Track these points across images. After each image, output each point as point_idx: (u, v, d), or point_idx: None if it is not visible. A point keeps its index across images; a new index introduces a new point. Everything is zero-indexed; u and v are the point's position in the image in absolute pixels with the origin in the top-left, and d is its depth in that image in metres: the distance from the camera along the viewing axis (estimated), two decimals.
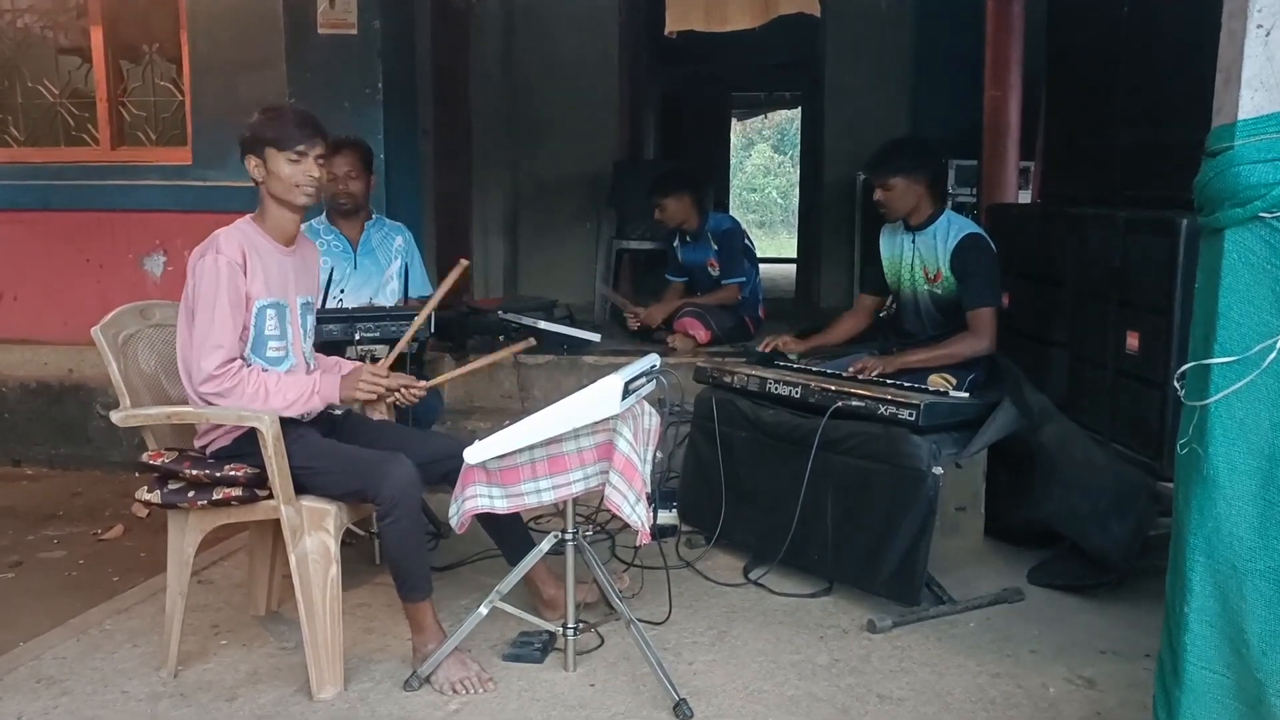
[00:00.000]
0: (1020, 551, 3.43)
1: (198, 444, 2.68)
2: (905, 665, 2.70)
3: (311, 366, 2.80)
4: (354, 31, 4.50)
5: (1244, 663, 1.80)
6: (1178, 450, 1.90)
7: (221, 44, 4.88)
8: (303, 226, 3.72)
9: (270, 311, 2.60)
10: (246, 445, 2.55)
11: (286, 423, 2.53)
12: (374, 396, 2.75)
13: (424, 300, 3.90)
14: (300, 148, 2.57)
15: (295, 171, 2.57)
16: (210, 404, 2.52)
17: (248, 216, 2.66)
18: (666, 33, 4.59)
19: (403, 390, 2.86)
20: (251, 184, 2.64)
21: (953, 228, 3.54)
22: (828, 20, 5.90)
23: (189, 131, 5.01)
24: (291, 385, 2.58)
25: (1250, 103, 1.78)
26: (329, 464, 2.56)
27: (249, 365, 2.56)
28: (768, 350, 3.75)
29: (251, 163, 2.58)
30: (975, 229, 3.56)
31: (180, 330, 2.59)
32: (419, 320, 3.09)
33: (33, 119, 5.32)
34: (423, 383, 2.92)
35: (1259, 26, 1.76)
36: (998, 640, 2.84)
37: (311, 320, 2.82)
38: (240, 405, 2.51)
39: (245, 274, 2.53)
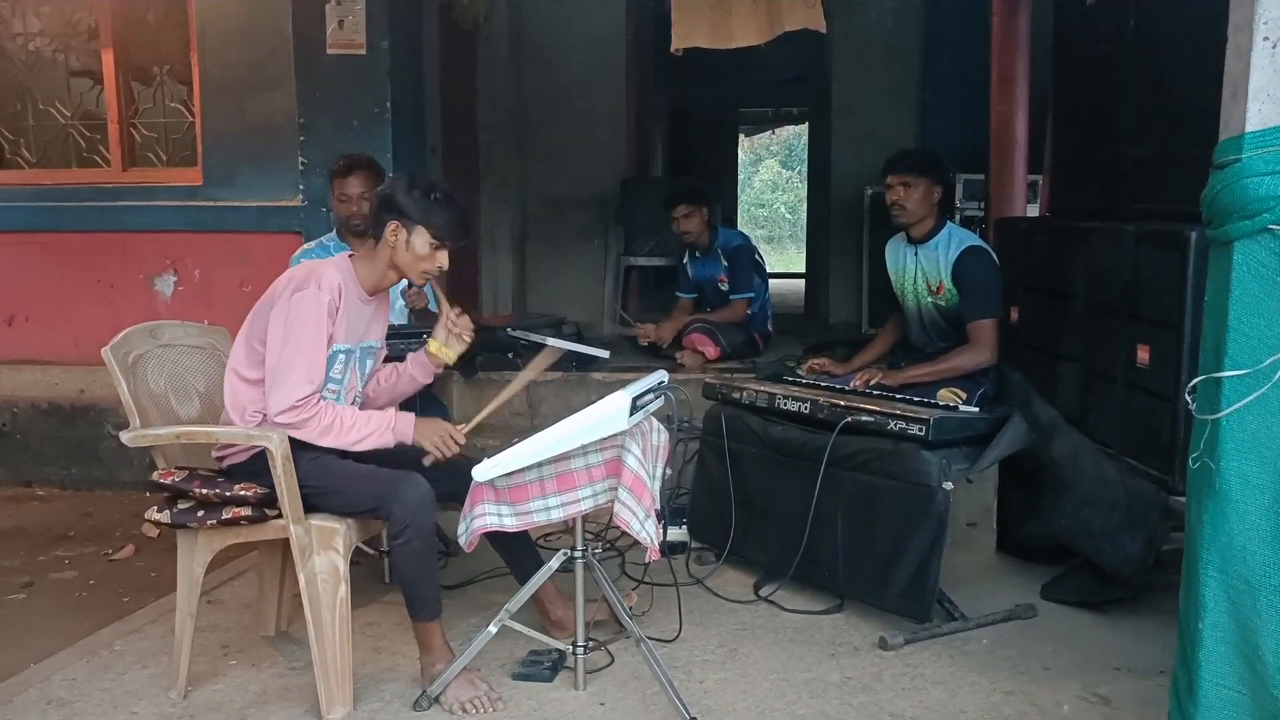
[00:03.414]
0: (1032, 567, 3.41)
1: (215, 455, 2.69)
2: (918, 683, 2.68)
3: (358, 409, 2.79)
4: (362, 51, 4.53)
5: (1259, 679, 1.79)
6: (1190, 464, 1.89)
7: (231, 65, 4.92)
8: (313, 244, 3.77)
9: (341, 356, 2.62)
10: (263, 462, 2.55)
11: (299, 442, 2.54)
12: (441, 456, 2.62)
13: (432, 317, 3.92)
14: (447, 242, 2.60)
15: (429, 259, 2.60)
16: (289, 433, 2.50)
17: (347, 254, 2.68)
18: (672, 50, 4.60)
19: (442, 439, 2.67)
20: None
21: (954, 240, 3.55)
22: (834, 36, 5.92)
23: (199, 152, 5.03)
24: (365, 420, 2.58)
25: (1257, 115, 1.78)
26: (342, 483, 2.56)
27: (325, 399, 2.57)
28: (809, 372, 3.75)
29: (391, 226, 2.57)
30: (977, 241, 3.57)
31: (237, 352, 2.60)
32: (510, 392, 2.81)
33: (44, 141, 5.36)
34: (463, 427, 2.72)
35: (1265, 39, 1.77)
36: (1011, 657, 2.82)
37: (371, 364, 2.80)
38: (311, 436, 2.52)
39: (335, 317, 2.55)
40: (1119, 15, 3.61)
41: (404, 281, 3.77)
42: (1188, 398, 1.89)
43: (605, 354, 4.67)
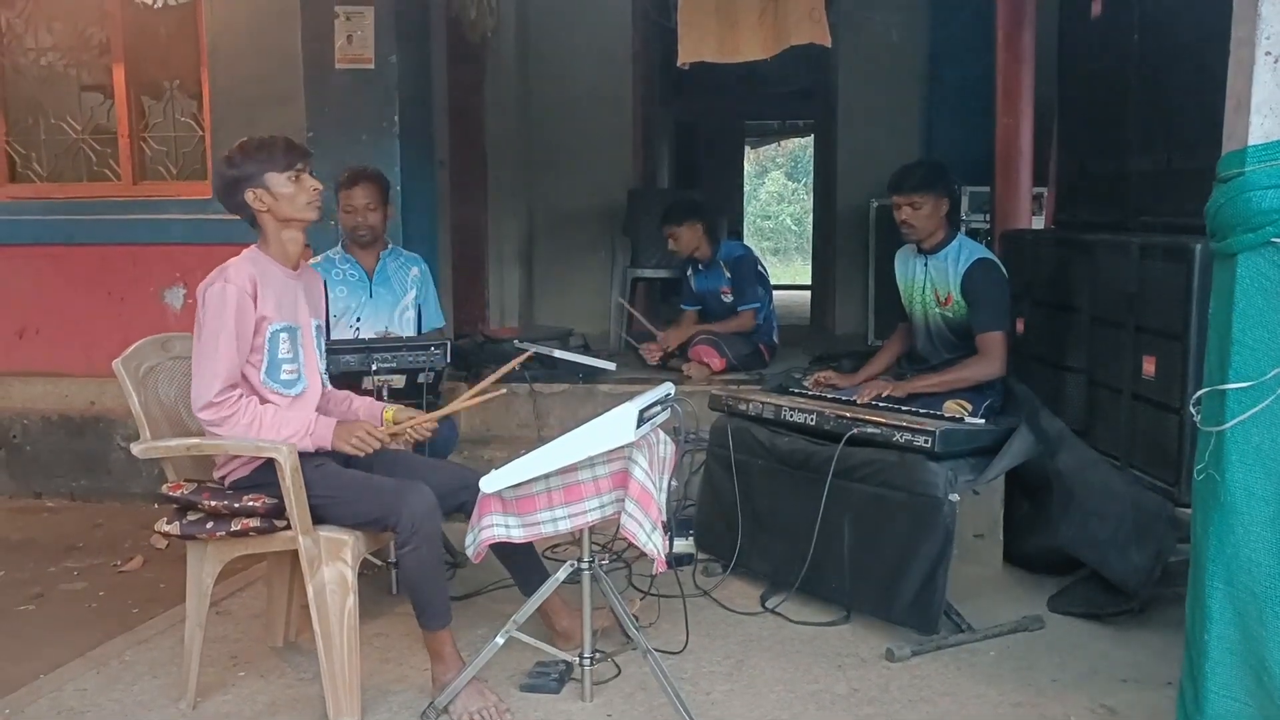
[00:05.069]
0: (1039, 579, 3.41)
1: (217, 475, 2.70)
2: (925, 695, 2.68)
3: (326, 390, 2.84)
4: (371, 66, 4.57)
5: (1265, 690, 1.79)
6: (1195, 476, 1.90)
7: (241, 80, 4.96)
8: (320, 257, 3.80)
9: (283, 335, 2.63)
10: (264, 475, 2.57)
11: (305, 452, 2.55)
12: (362, 454, 2.64)
13: (438, 332, 3.95)
14: (298, 165, 2.64)
15: (299, 189, 2.64)
16: (209, 431, 2.55)
17: (252, 246, 2.71)
18: (679, 64, 4.62)
19: (411, 430, 2.77)
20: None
21: (963, 252, 3.56)
22: (839, 49, 5.93)
23: (209, 166, 5.07)
24: (286, 422, 2.59)
25: (1260, 129, 1.79)
26: (348, 493, 2.58)
27: (248, 396, 2.59)
28: (815, 386, 3.75)
29: (251, 195, 2.62)
30: (986, 254, 3.58)
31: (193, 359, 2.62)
32: (458, 406, 2.93)
33: (55, 155, 5.40)
34: (431, 414, 2.85)
35: (1267, 54, 1.78)
36: (1018, 669, 2.82)
37: (323, 343, 2.86)
38: (234, 435, 2.54)
39: (256, 301, 2.57)
40: (1123, 28, 3.63)
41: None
42: (1192, 409, 1.90)
43: (612, 366, 4.69)
